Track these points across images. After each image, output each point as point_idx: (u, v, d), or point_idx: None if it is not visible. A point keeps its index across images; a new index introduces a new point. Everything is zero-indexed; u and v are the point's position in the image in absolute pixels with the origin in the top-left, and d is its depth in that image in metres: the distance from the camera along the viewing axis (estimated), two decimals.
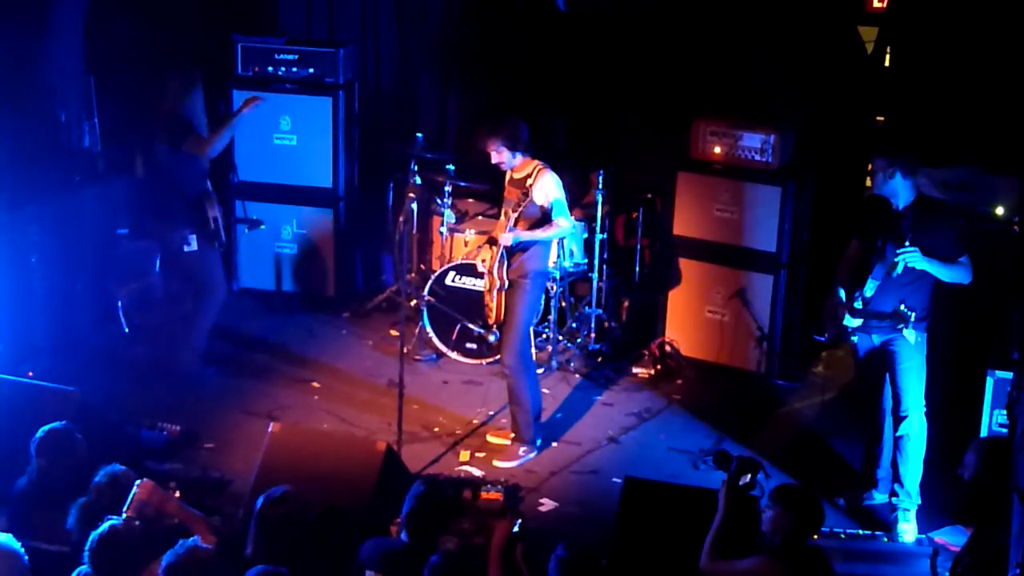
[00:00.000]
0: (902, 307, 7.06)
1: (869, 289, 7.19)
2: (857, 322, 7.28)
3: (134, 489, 5.92)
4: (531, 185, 7.88)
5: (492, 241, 8.13)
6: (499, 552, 5.81)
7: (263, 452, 7.07)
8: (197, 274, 8.94)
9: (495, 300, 8.07)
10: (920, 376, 7.31)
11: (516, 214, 7.86)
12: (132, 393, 8.73)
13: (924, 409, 7.34)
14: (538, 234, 7.94)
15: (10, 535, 5.45)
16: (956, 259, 7.10)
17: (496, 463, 8.10)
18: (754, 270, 9.23)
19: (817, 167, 9.43)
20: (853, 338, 7.41)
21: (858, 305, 7.23)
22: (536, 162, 7.99)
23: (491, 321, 8.25)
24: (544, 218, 7.94)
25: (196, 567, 5.21)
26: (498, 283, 8.01)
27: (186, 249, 8.76)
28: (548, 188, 7.91)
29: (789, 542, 5.66)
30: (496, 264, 8.00)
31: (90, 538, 5.50)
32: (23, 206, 8.88)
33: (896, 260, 6.99)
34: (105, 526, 5.54)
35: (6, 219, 8.72)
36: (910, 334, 7.20)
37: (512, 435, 8.25)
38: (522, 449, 8.16)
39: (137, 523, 5.70)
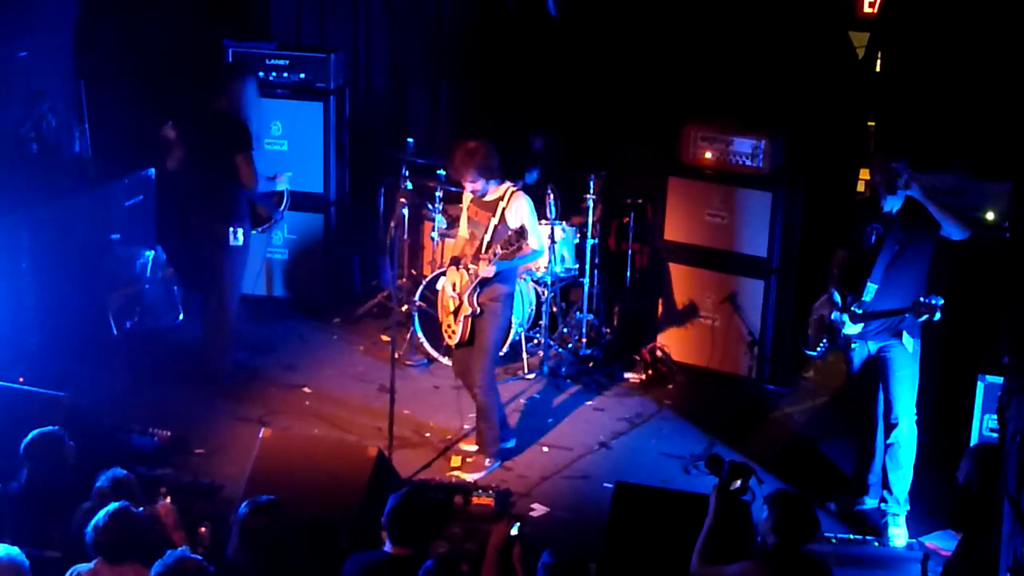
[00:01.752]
0: (923, 299, 7.03)
1: (868, 294, 7.19)
2: (857, 328, 7.28)
3: (161, 500, 6.09)
4: (505, 209, 7.80)
5: (455, 261, 8.01)
6: (495, 554, 5.80)
7: (253, 458, 7.06)
8: (233, 269, 8.98)
9: (461, 324, 7.95)
10: (913, 384, 7.32)
11: (498, 246, 7.72)
12: (123, 398, 8.72)
13: (915, 417, 7.34)
14: (515, 261, 7.86)
15: (16, 547, 5.44)
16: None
17: (462, 475, 8.06)
18: (745, 275, 9.23)
19: (808, 172, 9.44)
20: (853, 345, 7.40)
21: (858, 311, 7.23)
22: (508, 184, 7.89)
23: (452, 343, 8.11)
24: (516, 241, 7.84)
25: None
26: (469, 309, 7.89)
27: (232, 243, 8.82)
28: (523, 212, 7.81)
29: (780, 547, 5.66)
30: (469, 291, 7.87)
31: (102, 512, 5.56)
32: (13, 212, 8.86)
33: (900, 183, 7.03)
34: (119, 506, 5.61)
35: None
36: (908, 342, 7.21)
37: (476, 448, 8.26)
38: (487, 461, 8.14)
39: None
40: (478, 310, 7.89)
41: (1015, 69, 8.65)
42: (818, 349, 7.57)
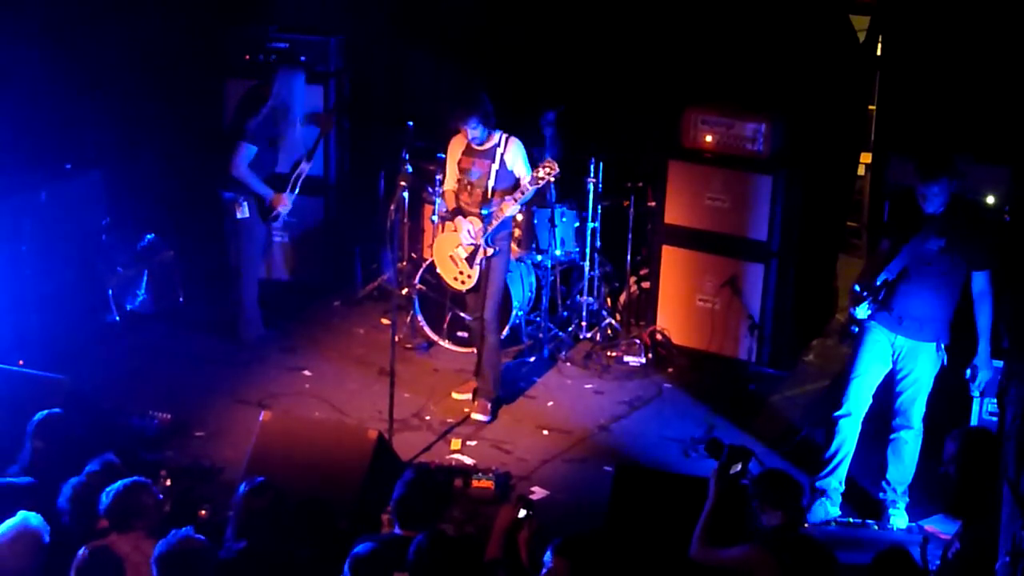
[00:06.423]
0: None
1: (878, 280, 7.12)
2: (864, 312, 7.20)
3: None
4: (503, 154, 8.25)
5: (459, 212, 8.38)
6: (501, 535, 5.80)
7: (254, 440, 7.07)
8: (243, 242, 9.32)
9: (478, 267, 8.38)
10: (927, 391, 7.29)
11: (515, 190, 8.21)
12: (123, 381, 8.73)
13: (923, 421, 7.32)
14: (527, 196, 8.32)
15: (36, 514, 5.46)
16: (981, 269, 7.03)
17: (474, 415, 8.50)
18: (745, 259, 9.23)
19: (809, 156, 9.42)
20: (872, 323, 7.29)
21: (865, 294, 7.16)
22: (498, 131, 8.32)
23: (466, 288, 8.52)
24: (516, 184, 8.30)
25: (188, 558, 5.21)
26: (491, 250, 8.33)
27: (238, 216, 9.18)
28: (519, 154, 8.31)
29: (778, 530, 5.66)
30: (488, 234, 8.28)
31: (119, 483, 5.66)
32: (13, 195, 8.86)
33: (977, 388, 7.16)
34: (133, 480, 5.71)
35: None
36: (937, 353, 7.16)
37: (475, 390, 8.67)
38: (490, 404, 8.52)
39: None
40: (495, 249, 8.32)
41: (1016, 53, 8.63)
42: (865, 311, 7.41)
